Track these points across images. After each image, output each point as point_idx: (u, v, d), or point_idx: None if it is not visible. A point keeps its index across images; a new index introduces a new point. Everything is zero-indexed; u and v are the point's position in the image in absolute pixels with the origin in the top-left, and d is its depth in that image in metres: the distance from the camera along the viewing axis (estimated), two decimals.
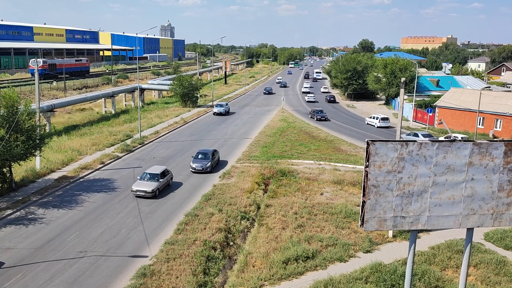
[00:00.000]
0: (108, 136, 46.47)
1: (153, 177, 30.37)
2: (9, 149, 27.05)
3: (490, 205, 13.69)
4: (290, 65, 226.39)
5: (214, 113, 65.39)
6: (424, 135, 45.98)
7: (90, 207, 27.75)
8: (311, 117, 65.16)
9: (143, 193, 29.13)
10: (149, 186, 29.49)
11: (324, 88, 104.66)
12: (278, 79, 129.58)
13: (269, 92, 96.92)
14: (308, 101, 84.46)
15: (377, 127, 57.71)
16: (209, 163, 35.69)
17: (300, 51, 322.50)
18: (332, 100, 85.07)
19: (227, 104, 68.73)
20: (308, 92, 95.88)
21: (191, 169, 35.53)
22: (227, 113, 66.74)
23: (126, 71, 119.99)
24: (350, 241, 23.47)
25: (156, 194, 29.59)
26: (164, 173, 31.18)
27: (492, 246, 23.63)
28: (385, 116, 59.03)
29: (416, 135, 47.08)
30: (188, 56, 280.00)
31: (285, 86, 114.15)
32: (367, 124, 60.52)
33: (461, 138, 45.20)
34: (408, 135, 48.32)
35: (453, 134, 47.31)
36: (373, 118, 59.61)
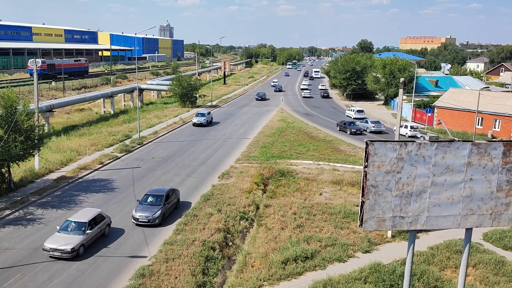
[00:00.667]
0: (107, 136, 46.43)
1: (79, 227, 22.00)
2: (7, 149, 27.01)
3: (489, 205, 13.71)
4: (287, 66, 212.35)
5: (194, 124, 56.00)
6: (372, 122, 56.11)
7: (89, 207, 27.67)
8: (340, 130, 55.01)
9: (59, 254, 20.71)
10: (69, 242, 21.00)
11: (321, 85, 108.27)
12: (273, 82, 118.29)
13: (261, 98, 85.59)
14: (304, 97, 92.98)
15: (354, 118, 65.31)
16: (159, 212, 25.12)
17: (299, 51, 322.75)
18: (325, 96, 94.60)
19: (209, 113, 59.17)
20: (306, 89, 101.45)
21: (133, 220, 25.16)
22: (209, 123, 57.89)
23: (125, 71, 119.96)
24: (349, 241, 23.48)
25: (80, 253, 21.15)
26: (95, 220, 22.76)
27: (491, 246, 23.65)
28: (360, 109, 68.26)
29: (366, 121, 57.05)
30: (187, 56, 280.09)
31: (280, 90, 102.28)
32: (347, 115, 68.35)
33: (411, 127, 53.09)
34: (361, 121, 58.25)
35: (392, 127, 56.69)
36: (351, 110, 68.69)
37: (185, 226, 24.84)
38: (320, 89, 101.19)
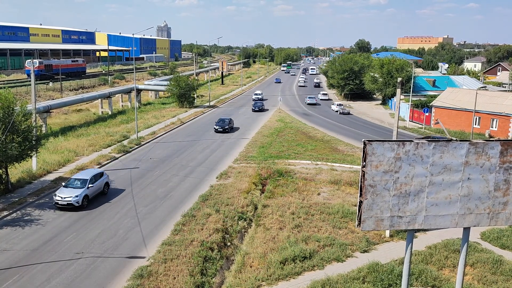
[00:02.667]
0: (105, 136, 46.36)
1: None
2: (5, 150, 26.95)
3: (487, 205, 13.73)
4: (282, 68, 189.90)
5: (56, 204, 27.16)
6: (309, 97, 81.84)
7: (87, 208, 27.64)
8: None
9: None
10: None
11: (316, 79, 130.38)
12: (255, 94, 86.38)
13: (223, 129, 52.39)
14: (299, 86, 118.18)
15: (320, 99, 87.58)
16: None
17: (297, 51, 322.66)
18: (317, 85, 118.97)
19: (102, 176, 29.97)
20: (303, 80, 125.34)
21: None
22: (97, 196, 29.11)
23: (123, 72, 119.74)
24: (347, 241, 23.50)
25: None
26: None
27: (489, 246, 23.71)
28: (325, 93, 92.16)
29: (306, 97, 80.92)
30: (185, 56, 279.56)
31: (261, 110, 70.98)
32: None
33: (337, 104, 71.10)
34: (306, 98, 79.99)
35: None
36: (319, 94, 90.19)
37: (183, 226, 24.83)
38: (315, 82, 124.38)
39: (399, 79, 27.52)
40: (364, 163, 12.96)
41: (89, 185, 28.04)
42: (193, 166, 37.78)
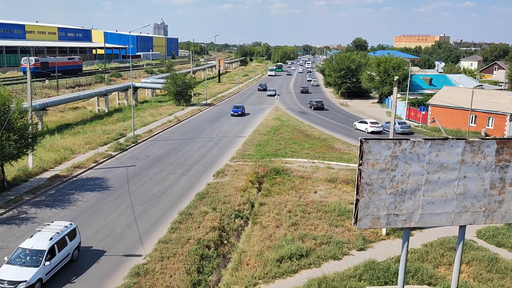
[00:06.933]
0: (101, 135, 46.25)
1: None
2: (1, 148, 26.83)
3: (482, 203, 13.79)
4: (268, 72, 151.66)
5: None
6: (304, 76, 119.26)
7: (83, 206, 27.61)
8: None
9: None
10: None
11: (310, 69, 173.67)
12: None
13: None
14: (299, 72, 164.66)
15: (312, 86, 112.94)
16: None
17: (294, 50, 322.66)
18: (309, 71, 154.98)
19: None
20: (301, 69, 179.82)
21: None
22: None
23: (119, 70, 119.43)
24: (343, 239, 23.56)
25: None
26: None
27: (484, 244, 23.81)
28: (311, 74, 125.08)
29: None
30: (182, 54, 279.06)
31: None
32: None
33: (313, 80, 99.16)
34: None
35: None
36: (308, 75, 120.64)
37: (180, 224, 24.81)
38: (308, 70, 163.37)
39: (396, 78, 27.56)
40: (360, 162, 12.99)
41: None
42: (190, 164, 37.74)
